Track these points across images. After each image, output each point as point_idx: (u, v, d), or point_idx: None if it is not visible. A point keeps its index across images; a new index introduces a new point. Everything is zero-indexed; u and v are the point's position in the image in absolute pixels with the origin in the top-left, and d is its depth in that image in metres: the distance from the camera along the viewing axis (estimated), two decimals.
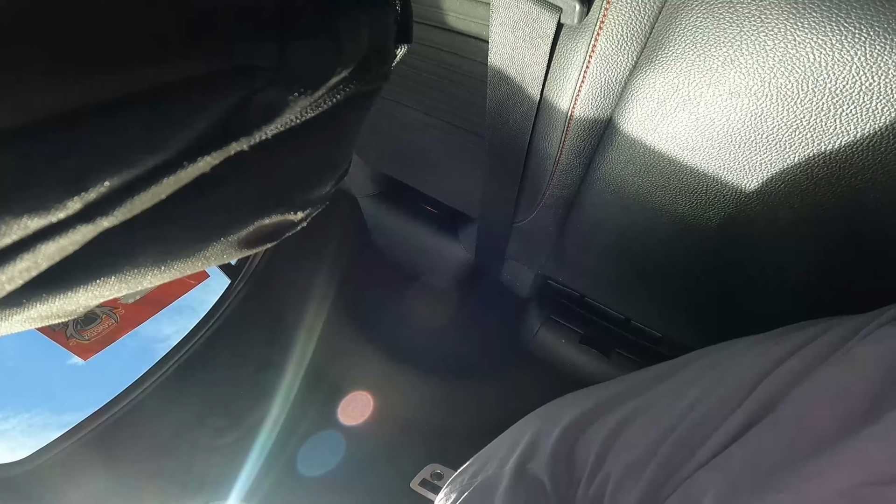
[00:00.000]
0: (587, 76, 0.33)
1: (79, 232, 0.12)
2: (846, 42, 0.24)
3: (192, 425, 0.78)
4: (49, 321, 0.17)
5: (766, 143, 0.30)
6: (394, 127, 0.57)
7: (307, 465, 0.85)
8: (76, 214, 0.12)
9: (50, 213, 0.12)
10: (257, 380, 0.86)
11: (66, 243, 0.13)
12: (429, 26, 0.41)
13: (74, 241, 0.13)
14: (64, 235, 0.12)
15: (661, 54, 0.30)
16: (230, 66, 0.12)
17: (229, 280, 0.84)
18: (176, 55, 0.12)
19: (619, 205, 0.42)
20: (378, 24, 0.16)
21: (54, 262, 0.14)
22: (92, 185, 0.12)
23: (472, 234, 0.67)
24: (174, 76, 0.12)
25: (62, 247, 0.13)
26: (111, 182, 0.12)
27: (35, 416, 2.18)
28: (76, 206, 0.12)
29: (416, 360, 0.90)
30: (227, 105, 0.13)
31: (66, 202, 0.12)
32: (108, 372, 0.76)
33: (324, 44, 0.14)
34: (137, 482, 0.73)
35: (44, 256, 0.13)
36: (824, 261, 0.35)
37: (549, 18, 0.32)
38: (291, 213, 0.18)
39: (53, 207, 0.12)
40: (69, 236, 0.12)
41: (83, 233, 0.13)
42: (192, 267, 0.18)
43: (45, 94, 0.11)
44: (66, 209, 0.12)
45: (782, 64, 0.27)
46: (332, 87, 0.15)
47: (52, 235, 0.12)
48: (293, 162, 0.16)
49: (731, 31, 0.27)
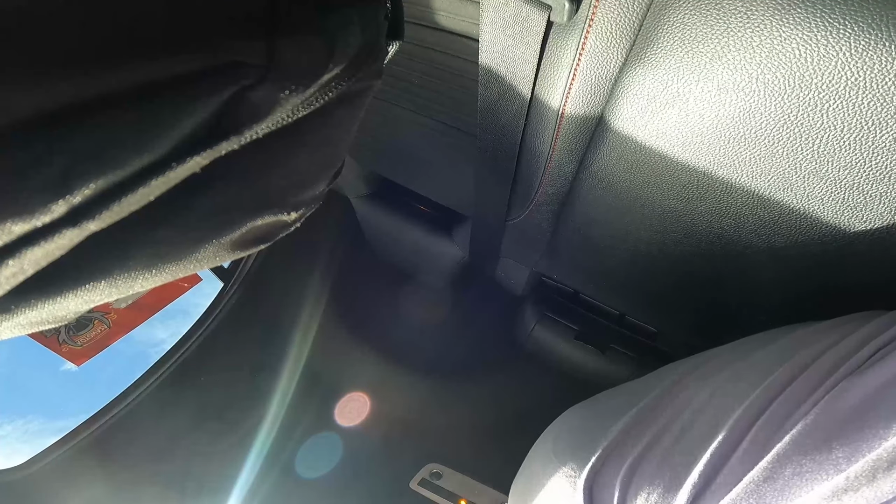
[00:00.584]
0: (577, 74, 0.33)
1: (65, 236, 0.12)
2: (831, 38, 0.25)
3: (189, 430, 0.78)
4: (40, 327, 0.17)
5: (754, 138, 0.30)
6: (385, 127, 0.57)
7: (305, 467, 0.85)
8: (62, 218, 0.12)
9: (34, 217, 0.11)
10: (253, 383, 0.86)
11: (53, 248, 0.12)
12: (419, 25, 0.41)
13: (61, 246, 0.12)
14: (50, 240, 0.12)
15: (650, 51, 0.30)
16: (218, 64, 0.12)
17: (222, 283, 0.83)
18: (162, 53, 0.11)
19: (611, 201, 0.42)
20: (369, 21, 0.16)
21: (41, 267, 0.14)
22: (77, 187, 0.11)
23: (466, 232, 0.67)
24: (161, 74, 0.11)
25: (48, 252, 0.13)
26: (97, 184, 0.11)
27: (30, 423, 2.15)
28: (61, 210, 0.11)
29: (413, 360, 0.89)
30: (217, 103, 0.12)
31: (51, 205, 0.11)
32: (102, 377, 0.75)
33: (314, 40, 0.14)
34: (135, 487, 0.73)
35: (30, 262, 0.13)
36: (817, 253, 0.35)
37: (539, 17, 0.32)
38: (285, 213, 0.18)
39: (38, 211, 0.11)
40: (55, 241, 0.12)
41: (70, 237, 0.12)
42: (184, 270, 0.18)
43: (26, 94, 0.10)
44: (52, 213, 0.11)
45: (769, 60, 0.27)
46: (323, 84, 0.15)
47: (38, 240, 0.12)
48: (286, 161, 0.16)
49: (719, 27, 0.27)
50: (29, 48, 0.10)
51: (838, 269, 0.35)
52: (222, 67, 0.12)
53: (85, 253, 0.14)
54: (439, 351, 0.91)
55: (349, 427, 0.87)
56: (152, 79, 0.11)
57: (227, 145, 0.13)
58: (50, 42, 0.11)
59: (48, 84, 0.11)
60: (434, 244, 0.76)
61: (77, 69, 0.11)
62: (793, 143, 0.29)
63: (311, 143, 0.16)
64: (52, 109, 0.11)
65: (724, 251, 0.40)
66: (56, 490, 0.64)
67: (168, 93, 0.11)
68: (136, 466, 0.73)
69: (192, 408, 0.78)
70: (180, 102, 0.12)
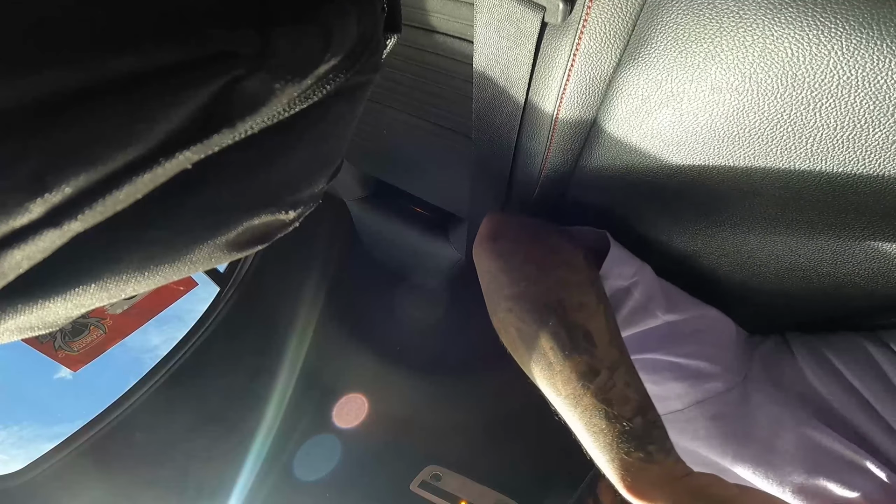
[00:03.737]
0: (572, 74, 0.33)
1: (45, 238, 0.11)
2: (823, 37, 0.24)
3: (187, 434, 0.76)
4: (30, 333, 0.16)
5: (748, 138, 0.30)
6: (380, 129, 0.56)
7: (304, 469, 0.83)
8: (41, 219, 0.11)
9: (11, 217, 0.10)
10: (250, 386, 0.84)
11: (33, 251, 0.11)
12: (413, 28, 0.40)
13: (42, 248, 0.11)
14: (29, 242, 0.11)
15: (643, 51, 0.30)
16: (208, 54, 0.11)
17: (218, 288, 0.81)
18: (148, 42, 0.10)
19: (607, 201, 0.41)
20: (365, 12, 0.15)
21: (24, 270, 0.12)
22: (55, 185, 0.10)
23: (462, 234, 0.66)
24: (146, 65, 0.10)
25: (29, 254, 0.11)
26: (77, 182, 0.10)
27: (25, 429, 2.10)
28: (40, 210, 0.10)
29: (411, 361, 0.88)
30: (207, 95, 0.11)
31: (28, 205, 0.10)
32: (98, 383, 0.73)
33: (309, 30, 0.13)
34: (134, 491, 0.71)
35: (10, 266, 0.12)
36: (812, 250, 0.35)
37: (534, 18, 0.31)
38: (282, 212, 0.16)
39: (14, 212, 0.10)
40: (35, 243, 0.11)
41: (51, 238, 0.11)
42: (179, 272, 0.17)
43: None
44: (29, 213, 0.10)
45: (762, 59, 0.26)
46: (321, 76, 0.14)
47: (16, 242, 0.11)
48: (283, 158, 0.15)
49: (711, 27, 0.27)
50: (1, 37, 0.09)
51: (831, 265, 0.35)
52: (213, 57, 0.11)
53: (72, 255, 0.13)
54: (437, 352, 0.90)
55: (347, 429, 0.86)
56: (136, 69, 0.10)
57: (220, 139, 0.12)
58: (24, 31, 0.10)
59: (22, 76, 0.10)
60: (430, 246, 0.75)
61: (54, 60, 0.10)
62: (786, 142, 0.29)
63: (310, 138, 0.15)
64: (26, 103, 0.10)
65: (720, 251, 0.40)
66: (55, 495, 0.62)
67: (154, 84, 0.10)
68: (134, 471, 0.71)
69: (190, 411, 0.76)
70: (167, 94, 0.11)
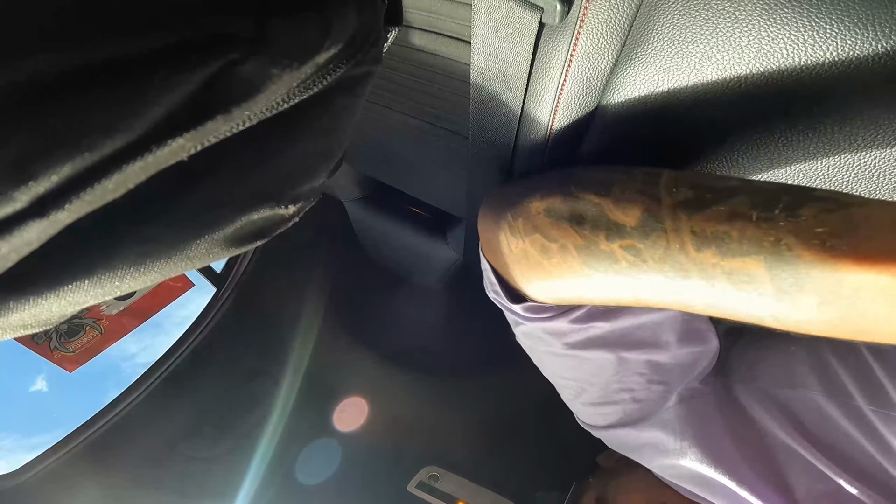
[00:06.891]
0: (569, 74, 0.32)
1: (31, 228, 0.10)
2: (818, 38, 0.24)
3: (185, 435, 0.75)
4: (24, 331, 0.15)
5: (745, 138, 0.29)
6: (377, 130, 0.55)
7: (306, 473, 0.82)
8: (26, 209, 0.10)
9: None
10: (249, 388, 0.83)
11: (19, 242, 0.10)
12: (410, 28, 0.40)
13: (28, 240, 0.10)
14: (14, 233, 0.10)
15: (640, 51, 0.29)
16: (202, 37, 0.10)
17: (215, 288, 0.80)
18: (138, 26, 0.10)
19: None
20: (365, 2, 0.14)
21: (12, 263, 0.12)
22: (40, 173, 0.09)
23: (460, 234, 0.66)
24: (135, 49, 0.10)
25: (15, 247, 0.11)
26: (64, 170, 0.09)
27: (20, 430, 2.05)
28: (24, 199, 0.10)
29: (410, 362, 0.87)
30: (201, 79, 0.10)
31: (12, 194, 0.09)
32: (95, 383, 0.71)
33: (308, 17, 0.12)
34: (133, 492, 0.70)
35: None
36: None
37: (531, 18, 0.30)
38: (282, 207, 0.16)
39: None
40: (21, 234, 0.10)
41: (37, 229, 0.10)
42: (175, 269, 0.16)
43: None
44: (13, 202, 0.09)
45: (757, 60, 0.26)
46: (321, 66, 0.13)
47: (1, 233, 0.10)
48: (283, 151, 0.14)
49: (707, 27, 0.27)
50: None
51: None
52: (207, 40, 0.10)
53: (64, 250, 0.12)
54: (436, 353, 0.89)
55: (348, 431, 0.85)
56: (125, 53, 0.09)
57: (215, 126, 0.11)
58: (6, 15, 0.09)
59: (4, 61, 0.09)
60: (428, 246, 0.74)
61: (35, 45, 0.09)
62: (783, 142, 0.28)
63: (311, 131, 0.14)
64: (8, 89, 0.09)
65: None
66: (53, 496, 0.61)
67: (143, 68, 0.10)
68: (133, 472, 0.69)
69: (189, 413, 0.75)
70: (157, 78, 0.10)
